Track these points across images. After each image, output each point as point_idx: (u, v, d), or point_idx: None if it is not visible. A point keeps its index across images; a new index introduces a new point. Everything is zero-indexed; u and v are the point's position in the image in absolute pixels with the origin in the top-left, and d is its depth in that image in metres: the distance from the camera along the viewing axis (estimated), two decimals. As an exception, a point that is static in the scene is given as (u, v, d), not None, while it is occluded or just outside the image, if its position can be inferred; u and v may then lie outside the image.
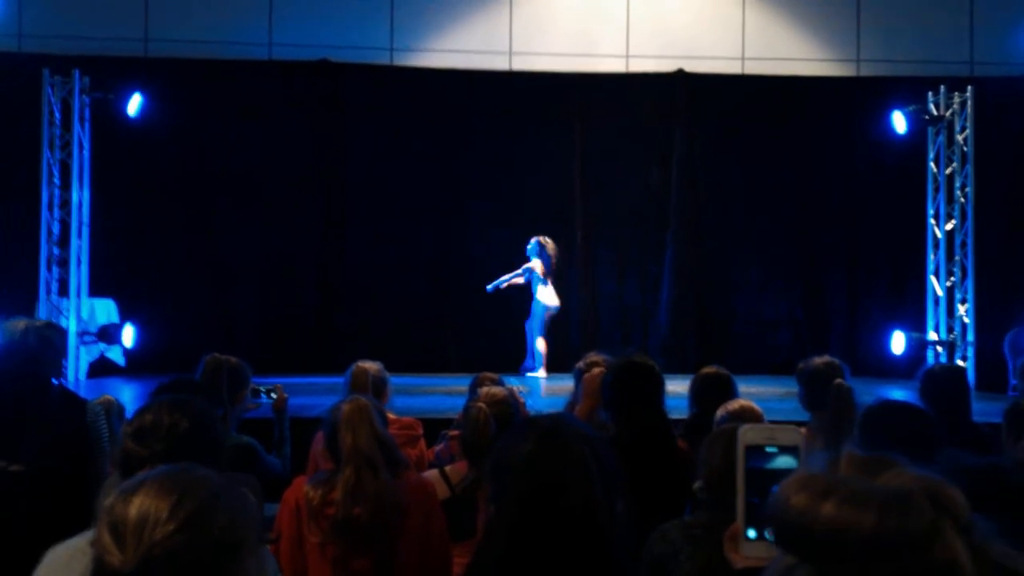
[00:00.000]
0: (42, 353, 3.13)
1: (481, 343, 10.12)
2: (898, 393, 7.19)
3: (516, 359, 9.50)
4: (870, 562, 0.72)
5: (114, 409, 3.69)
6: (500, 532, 1.64)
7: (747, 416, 3.38)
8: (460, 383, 3.97)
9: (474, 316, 10.55)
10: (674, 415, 3.55)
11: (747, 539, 1.18)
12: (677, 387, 4.43)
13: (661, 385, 3.25)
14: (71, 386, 7.46)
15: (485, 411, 3.30)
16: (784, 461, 1.17)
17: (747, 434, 1.19)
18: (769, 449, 1.18)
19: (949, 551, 0.73)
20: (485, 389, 3.55)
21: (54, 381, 3.34)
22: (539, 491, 1.60)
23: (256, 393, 4.22)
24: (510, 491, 1.63)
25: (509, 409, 3.39)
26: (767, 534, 1.17)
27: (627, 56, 11.03)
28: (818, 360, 3.92)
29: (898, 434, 2.52)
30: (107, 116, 9.70)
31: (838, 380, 3.69)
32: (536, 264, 9.45)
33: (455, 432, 3.56)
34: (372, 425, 2.83)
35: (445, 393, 7.35)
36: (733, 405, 3.49)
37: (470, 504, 3.14)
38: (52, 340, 3.51)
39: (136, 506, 1.22)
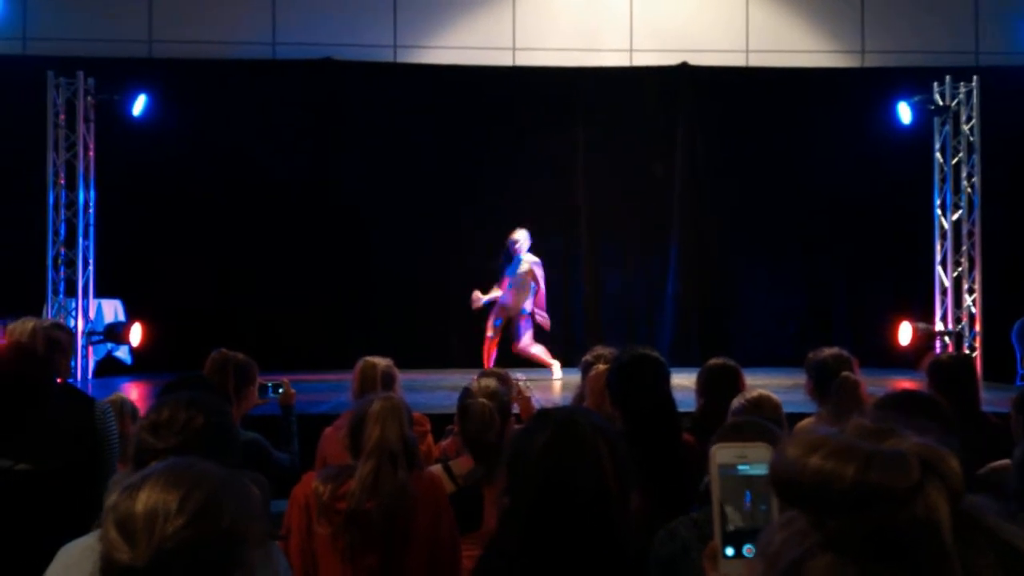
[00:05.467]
0: (48, 353, 3.14)
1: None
2: (905, 383, 7.18)
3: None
4: (852, 512, 0.75)
5: (126, 407, 3.70)
6: (515, 523, 1.64)
7: (765, 406, 3.33)
8: (465, 379, 3.98)
9: (480, 311, 10.54)
10: (681, 408, 3.53)
11: (725, 557, 1.18)
12: (683, 380, 4.42)
13: (667, 377, 3.23)
14: (78, 385, 7.49)
15: (489, 406, 3.27)
16: (757, 468, 1.18)
17: (719, 453, 1.19)
18: (742, 467, 1.19)
19: (930, 510, 0.75)
20: (476, 383, 3.42)
21: (58, 380, 3.35)
22: (553, 482, 1.61)
23: (264, 389, 4.23)
24: (525, 482, 1.64)
25: (504, 398, 3.36)
26: (744, 552, 1.17)
27: (630, 50, 11.02)
28: (827, 351, 3.88)
29: (912, 424, 2.50)
30: (112, 117, 9.72)
31: (845, 373, 3.67)
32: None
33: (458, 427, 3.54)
34: (401, 423, 2.81)
35: (451, 389, 7.33)
36: (751, 394, 3.44)
37: (475, 497, 3.14)
38: (59, 340, 3.51)
39: (143, 501, 1.22)
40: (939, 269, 10.00)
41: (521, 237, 8.94)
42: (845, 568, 0.75)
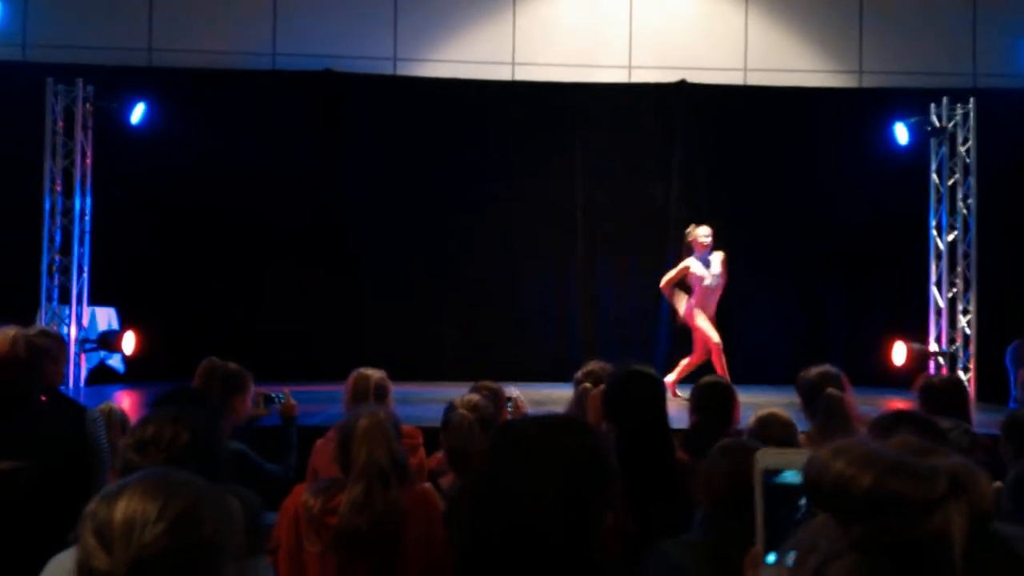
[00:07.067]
0: (32, 360, 3.11)
1: (481, 351, 10.10)
2: (899, 403, 7.17)
3: (514, 367, 9.43)
4: (869, 519, 0.76)
5: (115, 416, 3.68)
6: (465, 539, 1.60)
7: (774, 424, 3.33)
8: (460, 392, 3.97)
9: (475, 325, 10.55)
10: (676, 426, 3.52)
11: (766, 564, 1.16)
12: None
13: (662, 394, 3.23)
14: (70, 393, 7.46)
15: (469, 417, 3.25)
16: (793, 476, 1.16)
17: (764, 458, 1.17)
18: (787, 474, 1.16)
19: (946, 525, 0.75)
20: (460, 397, 3.45)
21: (47, 387, 3.33)
22: (495, 500, 1.53)
23: (269, 400, 4.22)
24: (472, 499, 1.60)
25: (488, 412, 3.35)
26: (787, 560, 1.15)
27: (629, 67, 11.06)
28: (815, 369, 3.90)
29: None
30: (110, 125, 9.72)
31: (829, 389, 3.67)
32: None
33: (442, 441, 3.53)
34: (389, 441, 2.77)
35: (444, 402, 7.30)
36: (762, 412, 3.45)
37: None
38: (45, 347, 3.48)
39: (121, 509, 1.22)
40: (934, 290, 10.02)
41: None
42: (860, 573, 0.76)
